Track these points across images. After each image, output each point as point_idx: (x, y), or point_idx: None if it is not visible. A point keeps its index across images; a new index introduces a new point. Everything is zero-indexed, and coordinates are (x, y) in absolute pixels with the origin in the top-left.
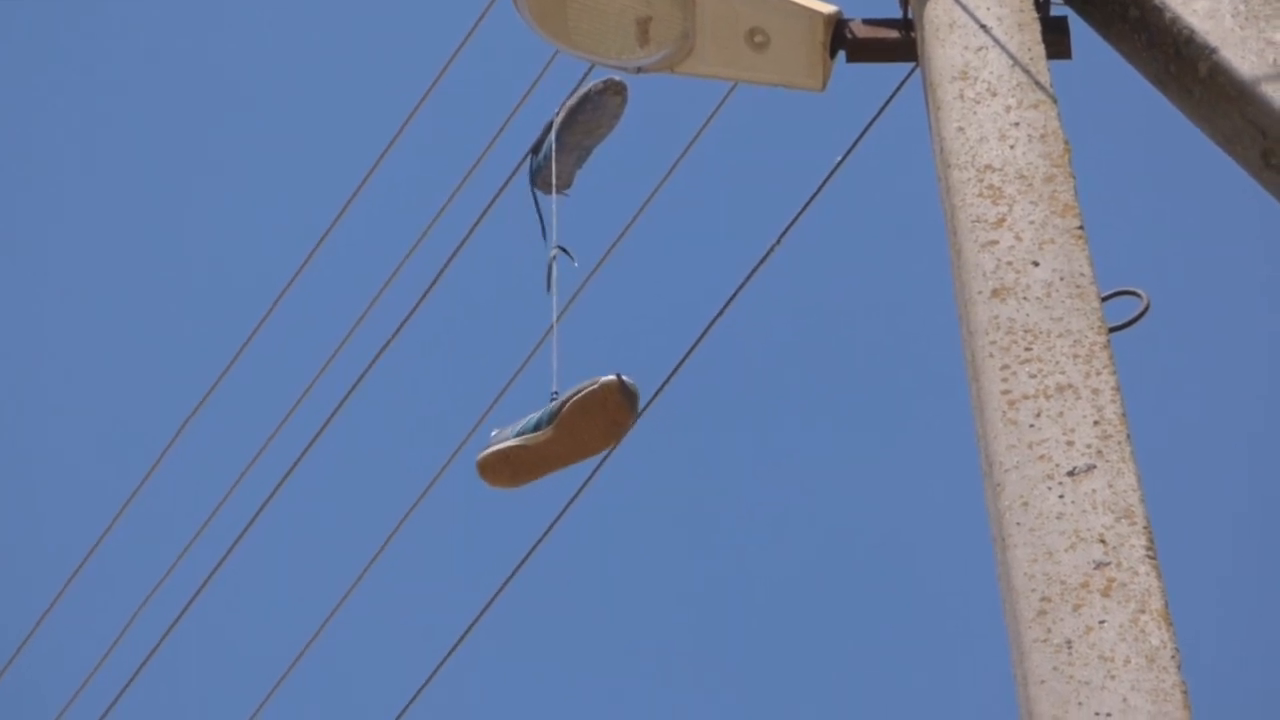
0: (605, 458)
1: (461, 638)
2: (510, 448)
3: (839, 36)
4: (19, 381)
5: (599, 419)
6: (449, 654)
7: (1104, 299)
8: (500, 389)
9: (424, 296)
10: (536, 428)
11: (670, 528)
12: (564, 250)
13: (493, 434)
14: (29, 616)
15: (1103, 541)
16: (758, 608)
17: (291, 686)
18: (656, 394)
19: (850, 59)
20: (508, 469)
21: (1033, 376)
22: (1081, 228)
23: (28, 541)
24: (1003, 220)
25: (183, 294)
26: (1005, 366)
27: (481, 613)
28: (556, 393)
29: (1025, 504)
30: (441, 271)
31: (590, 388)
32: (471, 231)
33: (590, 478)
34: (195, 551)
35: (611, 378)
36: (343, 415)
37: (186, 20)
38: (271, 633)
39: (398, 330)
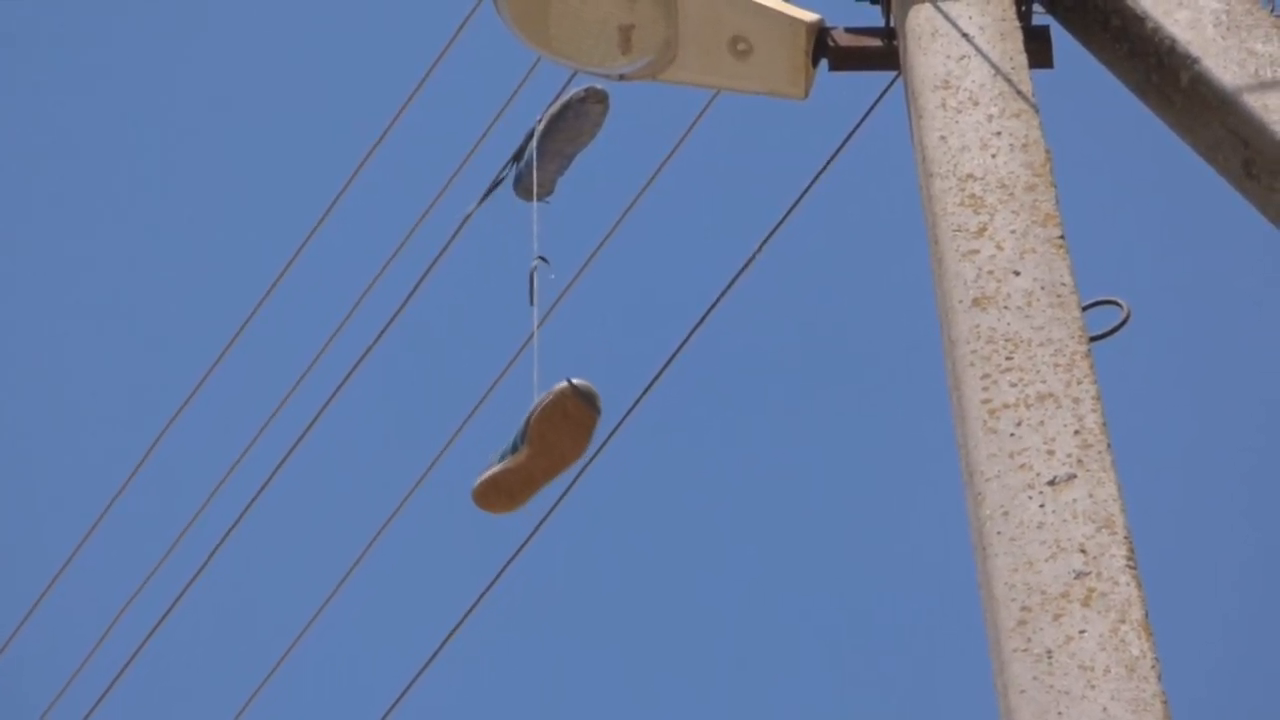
0: (590, 461)
1: (449, 636)
2: (495, 473)
3: (821, 45)
4: (4, 379)
5: (564, 425)
6: (434, 655)
7: (1085, 308)
8: (483, 393)
9: (405, 302)
10: (514, 449)
11: (655, 531)
12: (543, 260)
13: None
14: (12, 616)
15: (1083, 551)
16: (746, 610)
17: (280, 685)
18: (640, 398)
19: (833, 67)
20: (500, 494)
21: (1013, 385)
22: (1063, 237)
23: (11, 543)
24: (984, 229)
25: (167, 298)
26: (986, 375)
27: (468, 613)
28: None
29: (1006, 513)
30: (423, 277)
31: (546, 400)
32: (454, 237)
33: (575, 480)
34: (184, 547)
35: (563, 384)
36: (328, 417)
37: (179, 21)
38: (259, 634)
39: (379, 335)
